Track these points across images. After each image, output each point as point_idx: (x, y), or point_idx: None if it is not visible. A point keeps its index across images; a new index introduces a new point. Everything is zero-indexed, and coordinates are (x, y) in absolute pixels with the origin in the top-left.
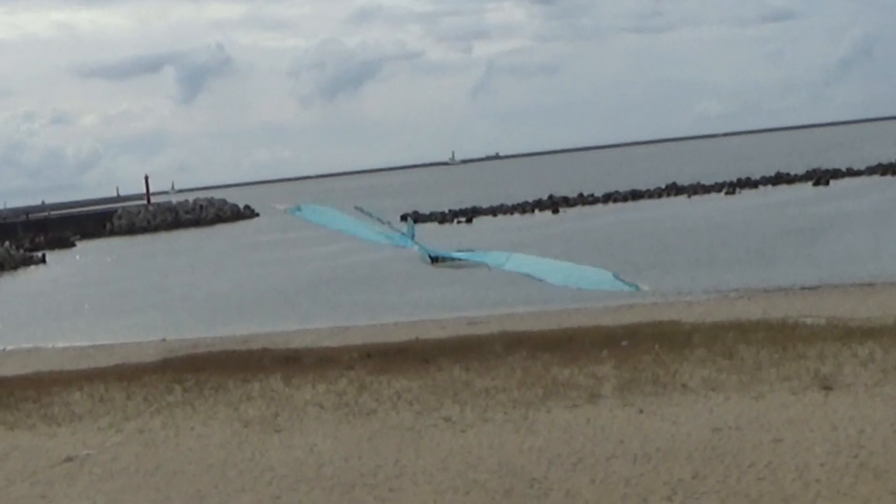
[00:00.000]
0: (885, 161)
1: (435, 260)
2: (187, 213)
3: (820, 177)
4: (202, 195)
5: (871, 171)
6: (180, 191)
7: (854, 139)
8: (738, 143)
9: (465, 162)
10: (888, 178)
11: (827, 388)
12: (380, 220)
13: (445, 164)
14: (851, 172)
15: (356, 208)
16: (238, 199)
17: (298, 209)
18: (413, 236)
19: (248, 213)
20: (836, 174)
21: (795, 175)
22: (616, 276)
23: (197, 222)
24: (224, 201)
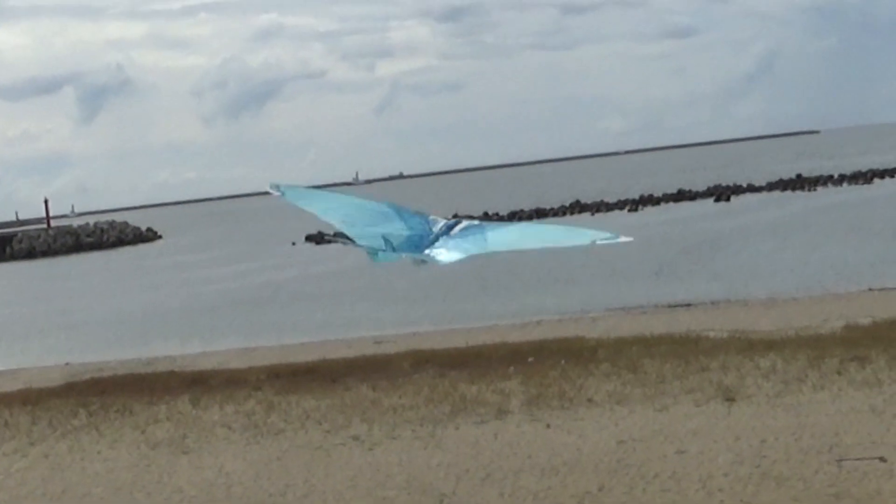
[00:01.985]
0: (784, 177)
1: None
2: (88, 236)
3: (721, 193)
4: (104, 217)
5: (770, 186)
6: (81, 213)
7: (755, 155)
8: (641, 160)
9: (369, 182)
10: (787, 193)
11: (730, 399)
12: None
13: (349, 184)
14: (752, 188)
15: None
16: (140, 221)
17: (279, 189)
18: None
19: (151, 236)
20: (737, 190)
21: (697, 191)
22: (595, 233)
23: (99, 245)
24: (126, 224)
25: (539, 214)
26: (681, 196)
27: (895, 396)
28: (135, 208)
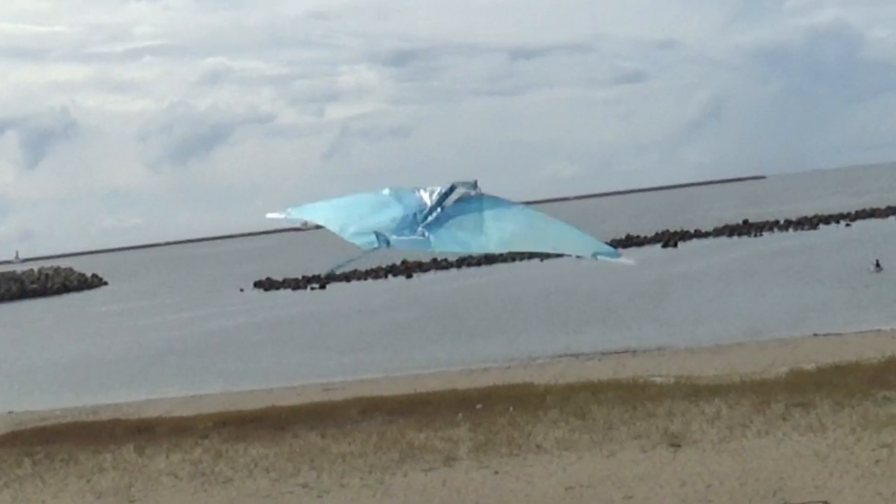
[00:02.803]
0: (731, 222)
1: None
2: (33, 282)
3: (669, 238)
4: (48, 264)
5: (717, 232)
6: (25, 260)
7: (702, 200)
8: (589, 205)
9: (318, 227)
10: (734, 238)
11: (676, 445)
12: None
13: (299, 229)
14: (699, 234)
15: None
16: (86, 267)
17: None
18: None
19: (97, 282)
20: (685, 236)
21: (645, 237)
22: (599, 244)
23: (43, 292)
24: (71, 270)
25: (488, 260)
26: (629, 241)
27: (839, 441)
28: (80, 254)
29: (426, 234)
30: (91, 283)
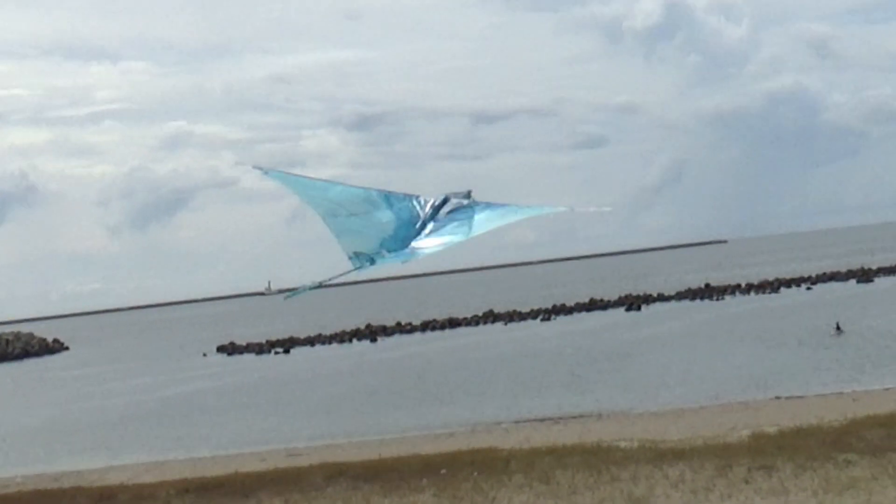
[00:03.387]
0: (693, 286)
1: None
2: None
3: (632, 302)
4: (8, 328)
5: (680, 296)
6: None
7: (665, 264)
8: (553, 269)
9: (281, 291)
10: (697, 302)
11: None
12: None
13: (262, 293)
14: (662, 297)
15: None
16: (46, 332)
17: (263, 171)
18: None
19: (57, 347)
20: (648, 299)
21: (609, 301)
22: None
23: (3, 357)
24: (31, 335)
25: (452, 324)
26: (593, 305)
27: None
28: (40, 319)
29: (414, 249)
30: (52, 348)
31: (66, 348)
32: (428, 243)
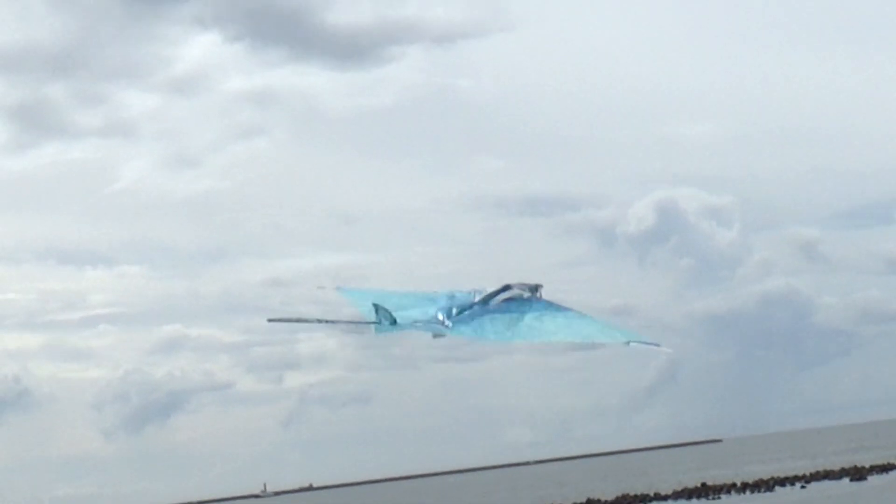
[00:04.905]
0: (689, 485)
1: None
2: None
3: (630, 502)
4: None
5: (676, 495)
6: None
7: (660, 463)
8: (550, 470)
9: (277, 494)
10: (693, 501)
11: None
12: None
13: (257, 496)
14: (658, 497)
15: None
16: None
17: (344, 291)
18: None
19: None
20: (645, 499)
21: (606, 501)
22: (634, 334)
23: None
24: None
25: None
26: None
27: None
28: None
29: (447, 322)
30: None
31: None
32: (461, 324)
